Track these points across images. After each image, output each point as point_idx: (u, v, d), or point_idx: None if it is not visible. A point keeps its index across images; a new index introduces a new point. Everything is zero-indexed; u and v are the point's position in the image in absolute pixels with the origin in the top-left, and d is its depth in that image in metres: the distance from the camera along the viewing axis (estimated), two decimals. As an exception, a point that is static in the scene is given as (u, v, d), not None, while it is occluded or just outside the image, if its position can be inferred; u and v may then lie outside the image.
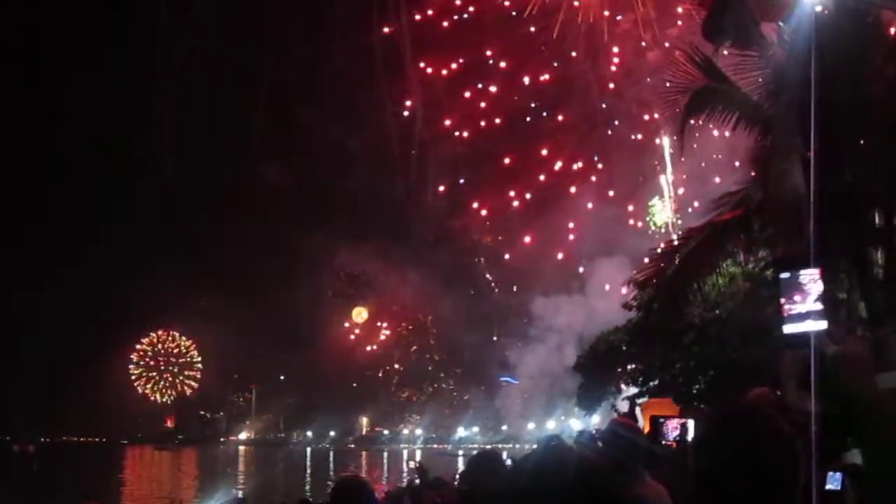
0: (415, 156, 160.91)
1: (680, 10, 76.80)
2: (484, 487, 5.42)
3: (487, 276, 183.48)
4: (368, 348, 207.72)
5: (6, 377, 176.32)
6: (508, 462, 7.95)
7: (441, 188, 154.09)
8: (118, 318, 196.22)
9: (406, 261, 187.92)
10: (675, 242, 20.03)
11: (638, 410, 27.54)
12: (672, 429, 9.14)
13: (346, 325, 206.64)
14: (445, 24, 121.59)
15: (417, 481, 27.62)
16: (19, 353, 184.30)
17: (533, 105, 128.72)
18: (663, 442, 8.01)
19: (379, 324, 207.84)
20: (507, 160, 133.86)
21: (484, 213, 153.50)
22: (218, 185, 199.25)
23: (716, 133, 43.48)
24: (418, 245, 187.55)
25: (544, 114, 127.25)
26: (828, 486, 5.86)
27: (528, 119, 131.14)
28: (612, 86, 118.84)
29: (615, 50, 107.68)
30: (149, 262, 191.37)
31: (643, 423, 18.02)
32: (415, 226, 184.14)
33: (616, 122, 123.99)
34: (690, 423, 9.39)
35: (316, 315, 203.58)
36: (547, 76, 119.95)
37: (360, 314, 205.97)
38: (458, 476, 19.69)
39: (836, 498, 5.95)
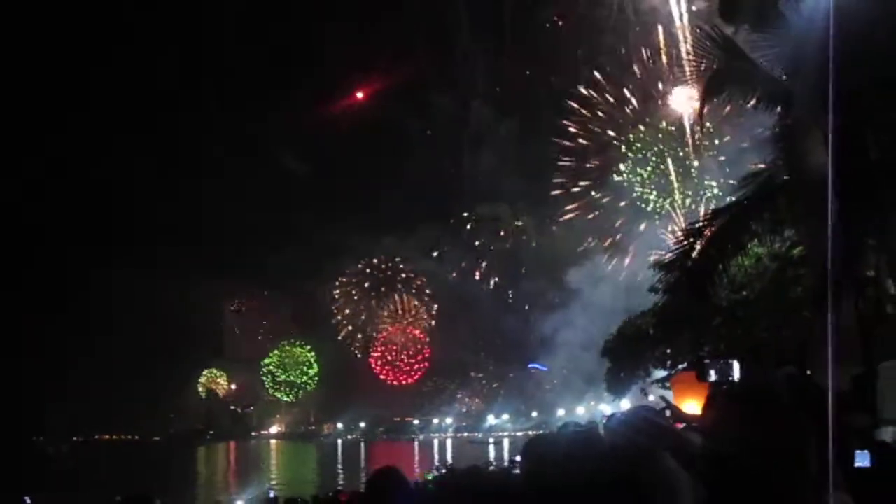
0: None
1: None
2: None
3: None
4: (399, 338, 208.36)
5: (37, 378, 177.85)
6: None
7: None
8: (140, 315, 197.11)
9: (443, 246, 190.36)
10: (700, 223, 19.82)
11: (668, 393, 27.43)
12: (715, 371, 9.03)
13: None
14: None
15: (444, 471, 28.00)
16: (49, 353, 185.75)
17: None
18: (708, 380, 7.90)
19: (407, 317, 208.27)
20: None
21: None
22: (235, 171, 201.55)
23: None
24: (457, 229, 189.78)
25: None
26: (857, 464, 5.70)
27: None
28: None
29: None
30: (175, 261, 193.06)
31: (673, 399, 17.91)
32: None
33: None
34: (735, 364, 9.29)
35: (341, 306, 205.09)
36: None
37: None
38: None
39: (867, 475, 5.76)
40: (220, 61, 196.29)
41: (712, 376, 8.19)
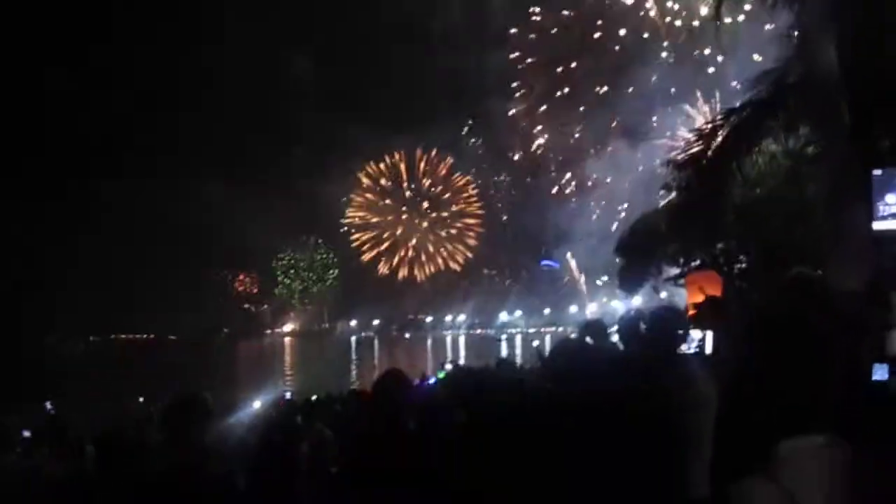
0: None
1: None
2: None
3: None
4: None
5: (52, 278, 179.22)
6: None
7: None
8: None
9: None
10: (713, 123, 19.84)
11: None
12: (691, 341, 9.13)
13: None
14: None
15: (449, 366, 28.46)
16: (60, 252, 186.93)
17: None
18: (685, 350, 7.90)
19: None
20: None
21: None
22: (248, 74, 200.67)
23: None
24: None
25: None
26: (875, 377, 5.66)
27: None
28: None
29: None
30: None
31: (686, 296, 18.18)
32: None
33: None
34: (709, 336, 9.42)
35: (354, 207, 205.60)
36: None
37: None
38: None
39: (883, 389, 5.70)
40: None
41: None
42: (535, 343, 55.12)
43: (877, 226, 12.22)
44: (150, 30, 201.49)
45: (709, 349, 9.44)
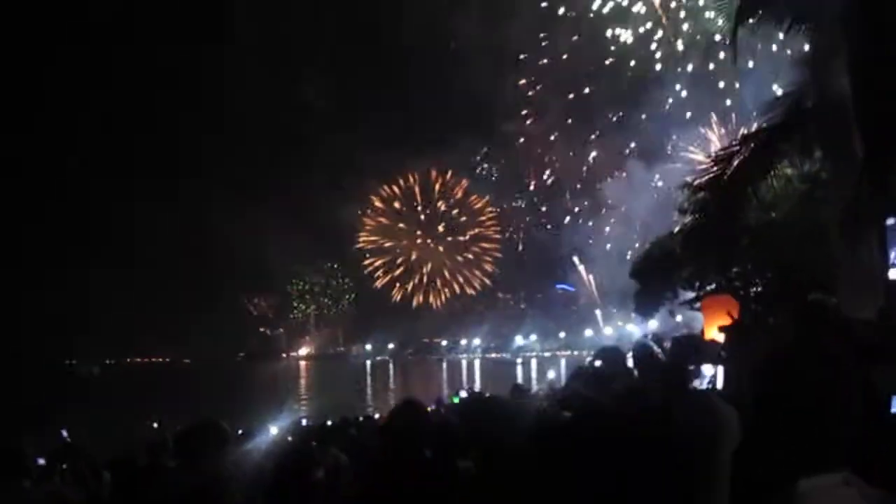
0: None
1: None
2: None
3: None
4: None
5: (73, 299, 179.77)
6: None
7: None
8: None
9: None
10: (730, 149, 19.86)
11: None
12: (703, 376, 9.09)
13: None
14: None
15: (464, 393, 28.38)
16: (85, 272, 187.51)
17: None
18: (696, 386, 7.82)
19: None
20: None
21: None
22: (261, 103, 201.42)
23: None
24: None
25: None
26: (893, 410, 5.55)
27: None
28: None
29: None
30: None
31: (703, 320, 18.15)
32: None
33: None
34: (720, 371, 9.41)
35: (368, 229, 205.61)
36: None
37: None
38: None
39: None
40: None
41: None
42: (550, 374, 54.88)
43: (893, 275, 12.17)
44: (170, 58, 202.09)
45: (720, 384, 9.41)
